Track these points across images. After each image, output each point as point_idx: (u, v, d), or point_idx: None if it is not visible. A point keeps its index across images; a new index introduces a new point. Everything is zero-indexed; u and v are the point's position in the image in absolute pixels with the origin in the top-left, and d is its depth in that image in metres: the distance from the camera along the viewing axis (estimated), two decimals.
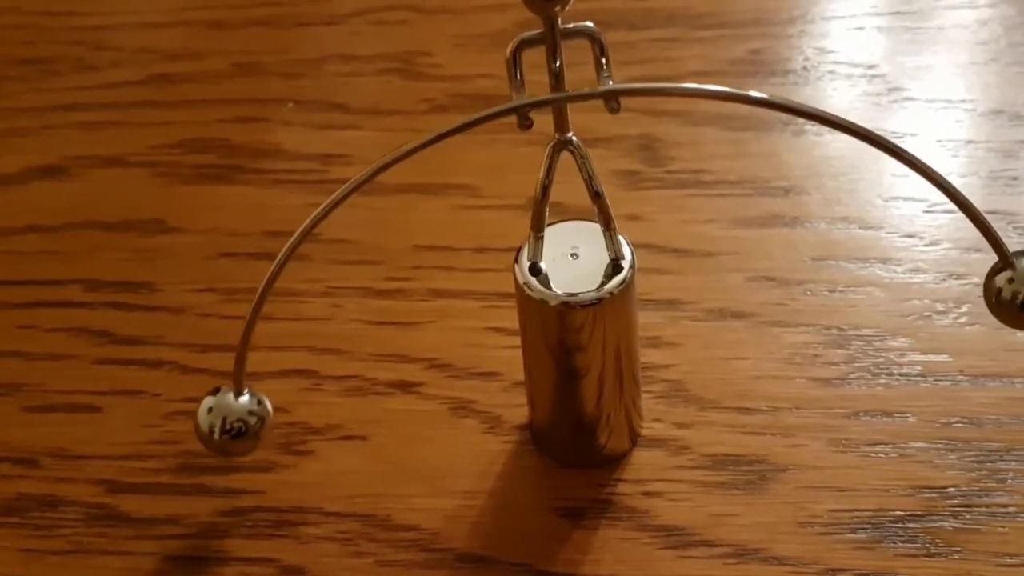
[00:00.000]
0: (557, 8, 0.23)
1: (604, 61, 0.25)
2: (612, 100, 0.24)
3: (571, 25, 0.25)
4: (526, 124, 0.25)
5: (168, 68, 0.43)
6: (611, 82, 0.25)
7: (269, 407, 0.28)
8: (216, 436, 0.27)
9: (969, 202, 0.24)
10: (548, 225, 0.27)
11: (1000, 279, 0.24)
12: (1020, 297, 0.23)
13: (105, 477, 0.31)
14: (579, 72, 0.26)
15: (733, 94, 0.24)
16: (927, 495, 0.29)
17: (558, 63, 0.24)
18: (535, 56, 0.25)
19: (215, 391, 0.28)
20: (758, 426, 0.30)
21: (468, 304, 0.34)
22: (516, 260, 0.27)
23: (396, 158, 0.24)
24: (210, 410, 0.27)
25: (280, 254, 0.26)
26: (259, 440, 0.28)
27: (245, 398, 0.28)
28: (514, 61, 0.25)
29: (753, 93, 0.24)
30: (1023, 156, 0.36)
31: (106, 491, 0.31)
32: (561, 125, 0.26)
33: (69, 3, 0.46)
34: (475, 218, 0.36)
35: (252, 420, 0.27)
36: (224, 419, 0.27)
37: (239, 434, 0.27)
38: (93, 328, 0.35)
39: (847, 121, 0.24)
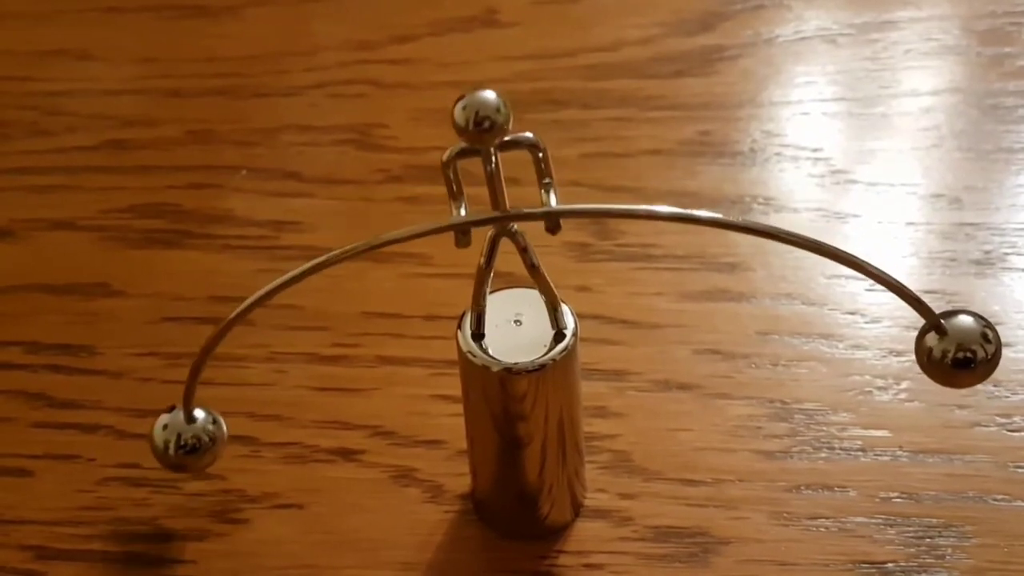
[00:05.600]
0: (495, 140, 0.22)
1: (546, 175, 0.23)
2: (552, 220, 0.23)
3: (509, 137, 0.23)
4: (463, 243, 0.23)
5: (122, 134, 0.43)
6: (553, 195, 0.23)
7: (224, 426, 0.28)
8: (171, 451, 0.27)
9: (888, 276, 0.24)
10: (492, 292, 0.27)
11: (930, 339, 0.24)
12: (949, 355, 0.24)
13: (34, 543, 0.30)
14: (520, 159, 0.25)
15: (680, 215, 0.24)
16: (867, 570, 0.29)
17: (493, 172, 0.23)
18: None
19: (170, 409, 0.28)
20: (701, 498, 0.30)
21: (415, 371, 0.34)
22: (459, 327, 0.27)
23: (336, 257, 0.24)
24: (165, 427, 0.28)
25: (223, 322, 0.26)
26: (214, 457, 0.28)
27: (201, 415, 0.28)
28: (450, 170, 0.23)
29: (699, 213, 0.24)
30: (961, 238, 0.37)
31: (35, 557, 0.30)
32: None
33: (26, 68, 0.46)
34: (426, 286, 0.36)
35: (206, 437, 0.28)
36: (179, 435, 0.27)
37: (193, 449, 0.27)
38: (31, 391, 0.34)
39: (784, 231, 0.24)
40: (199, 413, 0.28)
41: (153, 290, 0.37)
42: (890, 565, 0.29)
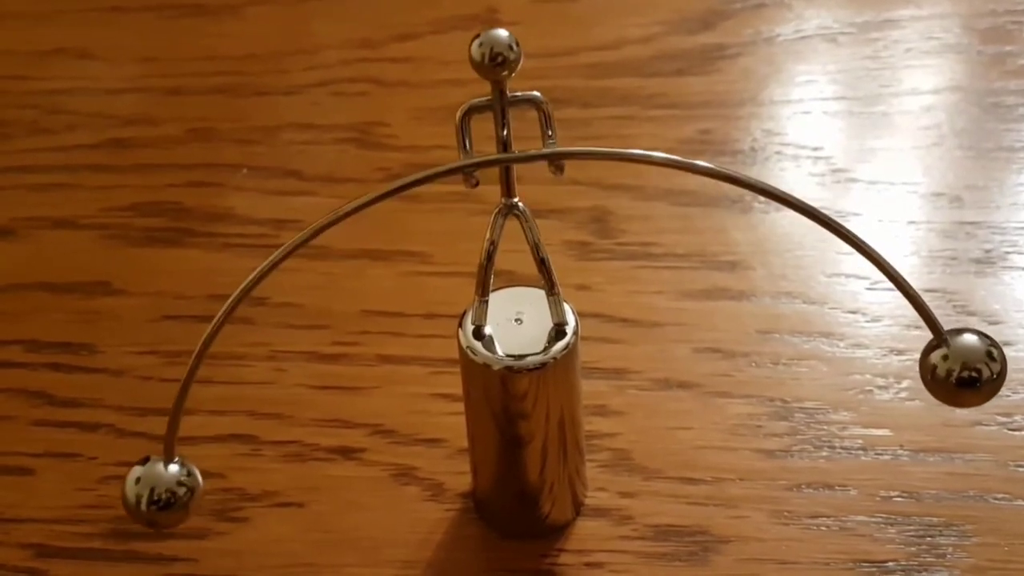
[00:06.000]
0: (504, 74, 0.24)
1: (550, 129, 0.25)
2: (556, 163, 0.25)
3: (519, 93, 0.25)
4: (472, 183, 0.25)
5: (123, 133, 0.43)
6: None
7: (199, 478, 0.27)
8: (143, 507, 0.27)
9: (904, 279, 0.24)
10: (494, 290, 0.27)
11: (935, 356, 0.24)
12: (954, 374, 0.24)
13: (35, 541, 0.30)
14: (530, 145, 0.26)
15: (679, 162, 0.25)
16: (867, 569, 0.29)
17: (505, 129, 0.25)
18: (488, 129, 0.25)
19: (144, 460, 0.27)
20: (701, 496, 0.30)
21: (415, 370, 0.34)
22: (460, 324, 0.27)
23: (337, 217, 0.24)
24: (138, 480, 0.27)
25: (217, 316, 0.25)
26: (188, 512, 0.27)
27: (175, 468, 0.27)
28: (463, 125, 0.25)
29: (699, 162, 0.25)
30: (961, 237, 0.37)
31: (35, 555, 0.30)
32: (508, 190, 0.26)
33: (26, 68, 0.46)
34: (426, 284, 0.36)
35: (181, 491, 0.27)
36: (152, 489, 0.26)
37: (167, 505, 0.27)
38: (31, 389, 0.34)
39: (783, 192, 0.24)
40: (173, 467, 0.26)
41: (154, 288, 0.37)
42: (890, 564, 0.29)
